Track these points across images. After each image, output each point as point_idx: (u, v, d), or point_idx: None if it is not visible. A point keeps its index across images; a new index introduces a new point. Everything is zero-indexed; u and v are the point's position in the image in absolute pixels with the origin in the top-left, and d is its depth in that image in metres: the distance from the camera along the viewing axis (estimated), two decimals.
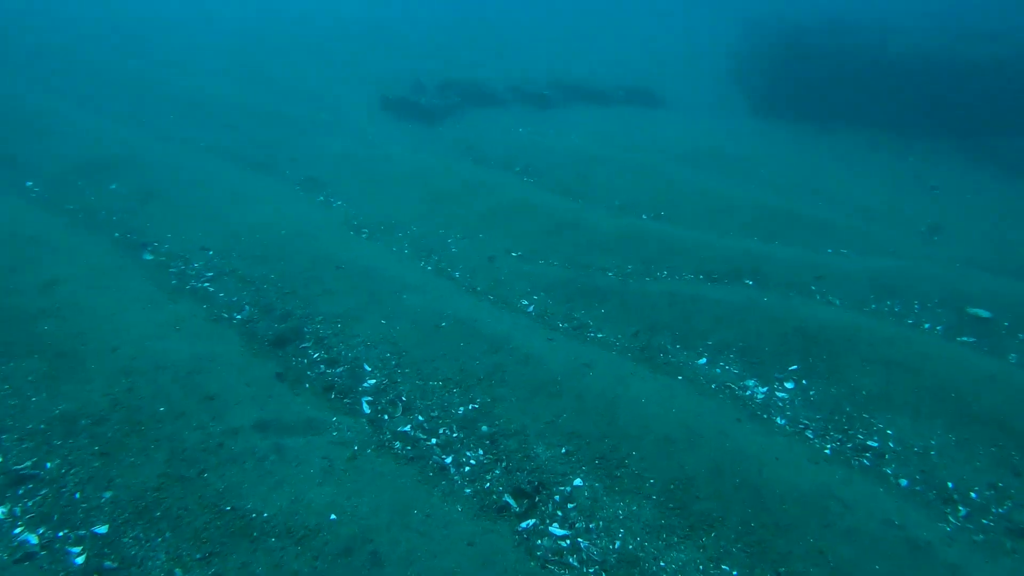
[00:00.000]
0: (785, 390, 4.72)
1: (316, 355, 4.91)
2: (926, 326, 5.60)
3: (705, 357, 5.11)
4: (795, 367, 4.92)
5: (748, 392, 4.69)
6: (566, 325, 5.46)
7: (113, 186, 7.75)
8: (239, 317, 5.34)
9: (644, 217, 7.68)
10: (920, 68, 11.74)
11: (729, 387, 4.73)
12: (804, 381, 4.79)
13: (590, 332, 5.38)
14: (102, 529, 3.22)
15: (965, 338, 5.43)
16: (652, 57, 18.02)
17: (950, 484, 3.91)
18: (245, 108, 11.07)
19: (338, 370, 4.76)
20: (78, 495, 3.40)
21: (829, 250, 7.18)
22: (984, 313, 5.63)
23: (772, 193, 8.69)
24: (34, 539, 3.15)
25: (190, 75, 13.16)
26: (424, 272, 6.12)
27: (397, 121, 11.09)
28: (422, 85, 11.83)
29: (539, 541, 3.35)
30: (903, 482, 3.93)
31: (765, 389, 4.73)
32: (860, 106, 12.17)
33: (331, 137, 10.00)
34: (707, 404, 4.33)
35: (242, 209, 7.16)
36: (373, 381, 4.63)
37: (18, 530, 3.20)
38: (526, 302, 5.77)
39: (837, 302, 5.96)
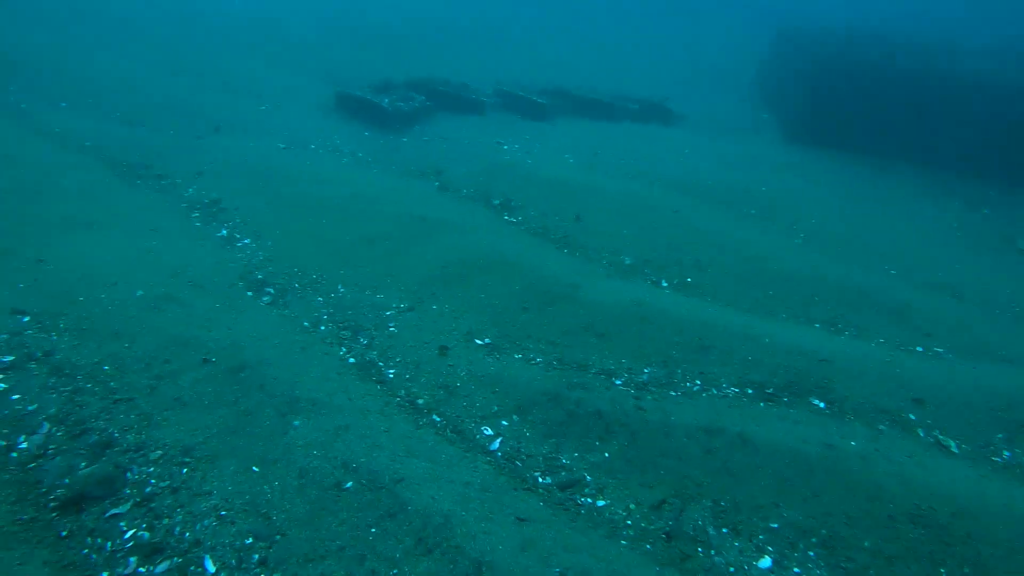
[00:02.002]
0: None
1: (129, 532, 3.09)
2: None
3: (769, 556, 3.36)
4: None
5: None
6: (548, 481, 3.69)
7: None
8: (24, 446, 3.50)
9: (664, 285, 5.95)
10: (995, 97, 10.18)
11: None
12: None
13: (585, 497, 3.61)
14: None
15: None
16: (670, 68, 16.43)
17: None
18: (156, 100, 9.21)
19: (159, 569, 2.94)
20: None
21: (918, 348, 5.50)
22: None
23: (827, 254, 7.02)
24: None
25: (105, 56, 11.27)
26: (339, 370, 4.31)
27: (350, 126, 9.30)
28: (389, 83, 10.08)
29: None
30: None
31: None
32: (921, 139, 10.61)
33: (259, 142, 8.18)
34: None
35: (98, 245, 5.32)
36: None
37: None
38: (489, 431, 3.99)
39: (953, 446, 4.25)
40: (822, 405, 4.55)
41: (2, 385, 3.91)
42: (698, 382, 4.63)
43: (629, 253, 6.41)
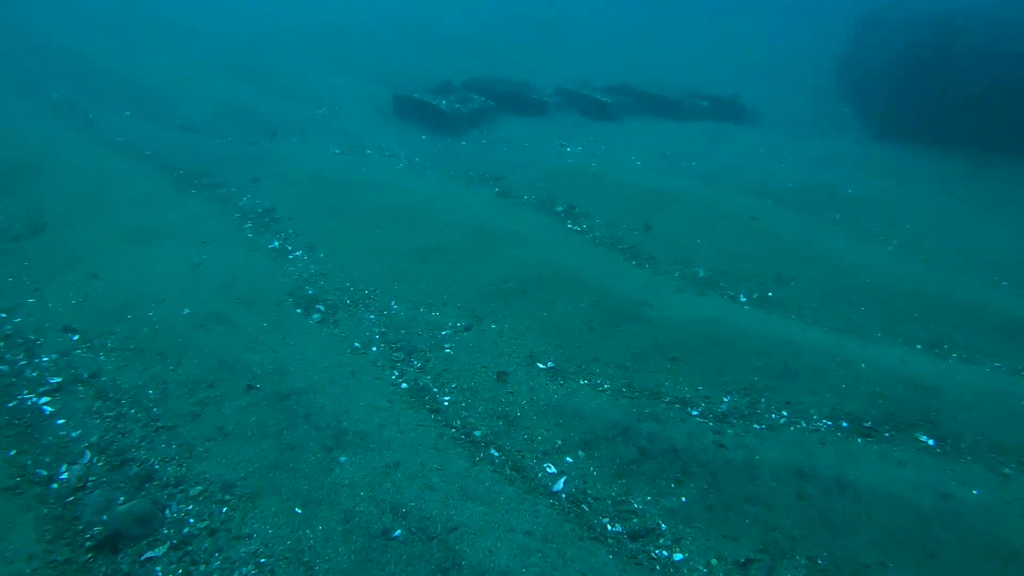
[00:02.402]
0: None
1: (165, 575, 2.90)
2: None
3: None
4: None
5: None
6: (618, 528, 3.33)
7: None
8: (65, 476, 3.38)
9: (742, 300, 5.49)
10: None
11: None
12: None
13: (660, 548, 3.24)
14: None
15: None
16: (742, 63, 15.73)
17: None
18: (215, 106, 9.25)
19: None
20: None
21: None
22: None
23: (925, 264, 6.39)
24: None
25: (166, 62, 11.48)
26: (390, 397, 4.06)
27: (407, 130, 9.12)
28: (449, 85, 9.88)
29: None
30: None
31: None
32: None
33: (315, 148, 8.08)
34: None
35: (150, 259, 5.25)
36: None
37: None
38: (553, 468, 3.66)
39: None
40: (931, 442, 4.04)
41: (48, 408, 3.83)
42: (784, 413, 4.18)
43: (703, 264, 5.97)
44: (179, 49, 12.41)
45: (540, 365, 4.46)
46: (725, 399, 4.25)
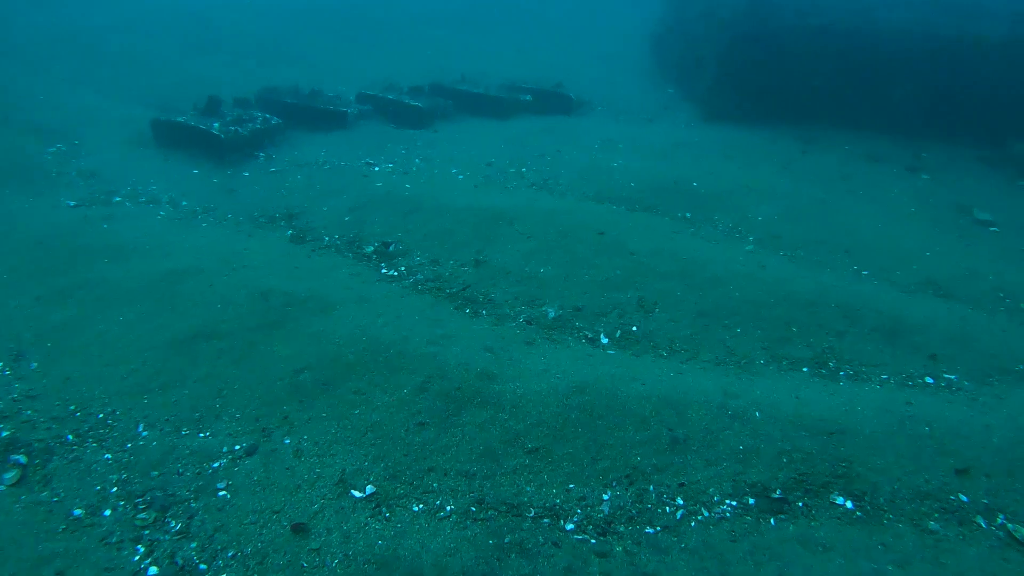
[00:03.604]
0: None
1: None
2: None
3: None
4: None
5: None
6: None
7: None
8: None
9: (604, 340, 4.68)
10: (921, 51, 9.56)
11: None
12: None
13: None
14: None
15: None
16: (564, 47, 15.32)
17: None
18: None
19: None
20: None
21: (928, 379, 4.52)
22: None
23: (788, 260, 5.99)
24: None
25: None
26: None
27: (173, 164, 7.53)
28: (221, 102, 8.33)
29: None
30: None
31: None
32: (849, 101, 9.90)
33: (39, 200, 6.34)
34: None
35: None
36: None
37: None
38: None
39: None
40: (849, 504, 3.41)
41: None
42: (680, 502, 3.37)
43: (552, 300, 5.10)
44: None
45: (356, 493, 3.33)
46: (605, 496, 3.36)
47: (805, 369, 4.58)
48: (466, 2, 18.99)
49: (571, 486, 3.41)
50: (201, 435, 3.67)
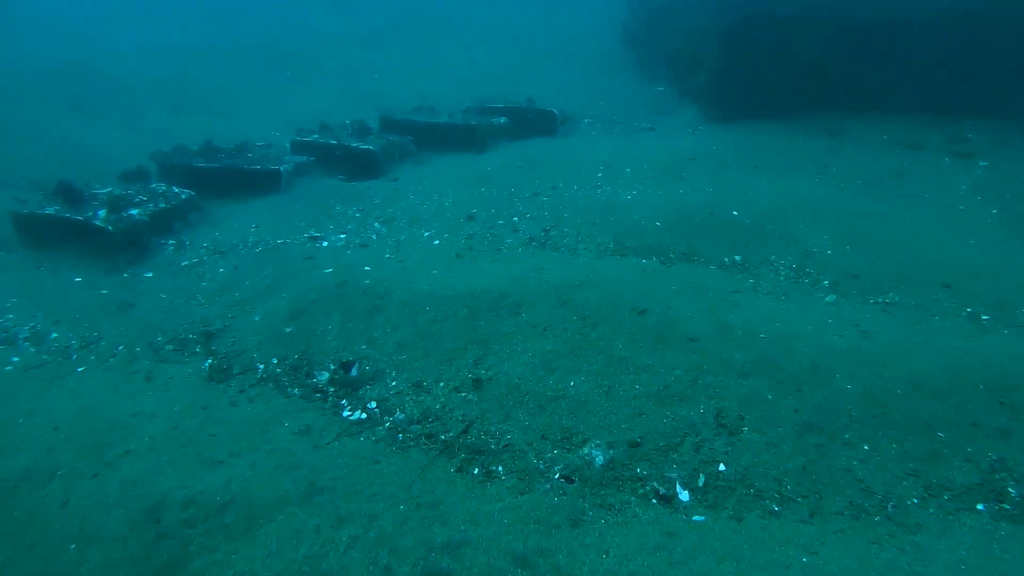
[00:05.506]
0: None
1: None
2: None
3: None
4: None
5: None
6: None
7: None
8: None
9: (684, 497, 3.11)
10: (949, 12, 8.28)
11: None
12: None
13: None
14: None
15: None
16: (536, 55, 13.85)
17: None
18: None
19: None
20: None
21: None
22: None
23: (909, 316, 4.48)
24: None
25: None
26: None
27: (48, 271, 5.82)
28: (100, 178, 6.61)
29: None
30: None
31: None
32: (867, 82, 8.62)
33: None
34: None
35: None
36: None
37: None
38: None
39: None
40: None
41: None
42: None
43: (595, 433, 3.55)
44: None
45: None
46: None
47: (981, 507, 3.08)
48: (388, 16, 17.49)
49: None
50: None
